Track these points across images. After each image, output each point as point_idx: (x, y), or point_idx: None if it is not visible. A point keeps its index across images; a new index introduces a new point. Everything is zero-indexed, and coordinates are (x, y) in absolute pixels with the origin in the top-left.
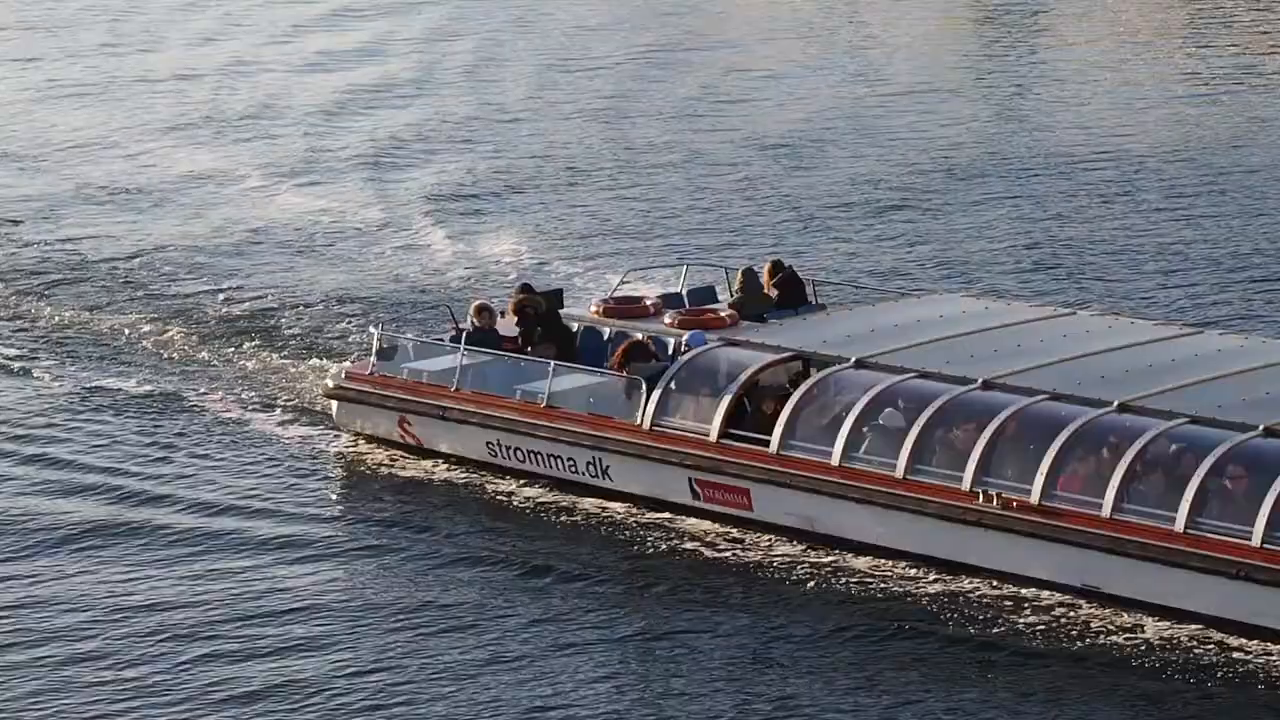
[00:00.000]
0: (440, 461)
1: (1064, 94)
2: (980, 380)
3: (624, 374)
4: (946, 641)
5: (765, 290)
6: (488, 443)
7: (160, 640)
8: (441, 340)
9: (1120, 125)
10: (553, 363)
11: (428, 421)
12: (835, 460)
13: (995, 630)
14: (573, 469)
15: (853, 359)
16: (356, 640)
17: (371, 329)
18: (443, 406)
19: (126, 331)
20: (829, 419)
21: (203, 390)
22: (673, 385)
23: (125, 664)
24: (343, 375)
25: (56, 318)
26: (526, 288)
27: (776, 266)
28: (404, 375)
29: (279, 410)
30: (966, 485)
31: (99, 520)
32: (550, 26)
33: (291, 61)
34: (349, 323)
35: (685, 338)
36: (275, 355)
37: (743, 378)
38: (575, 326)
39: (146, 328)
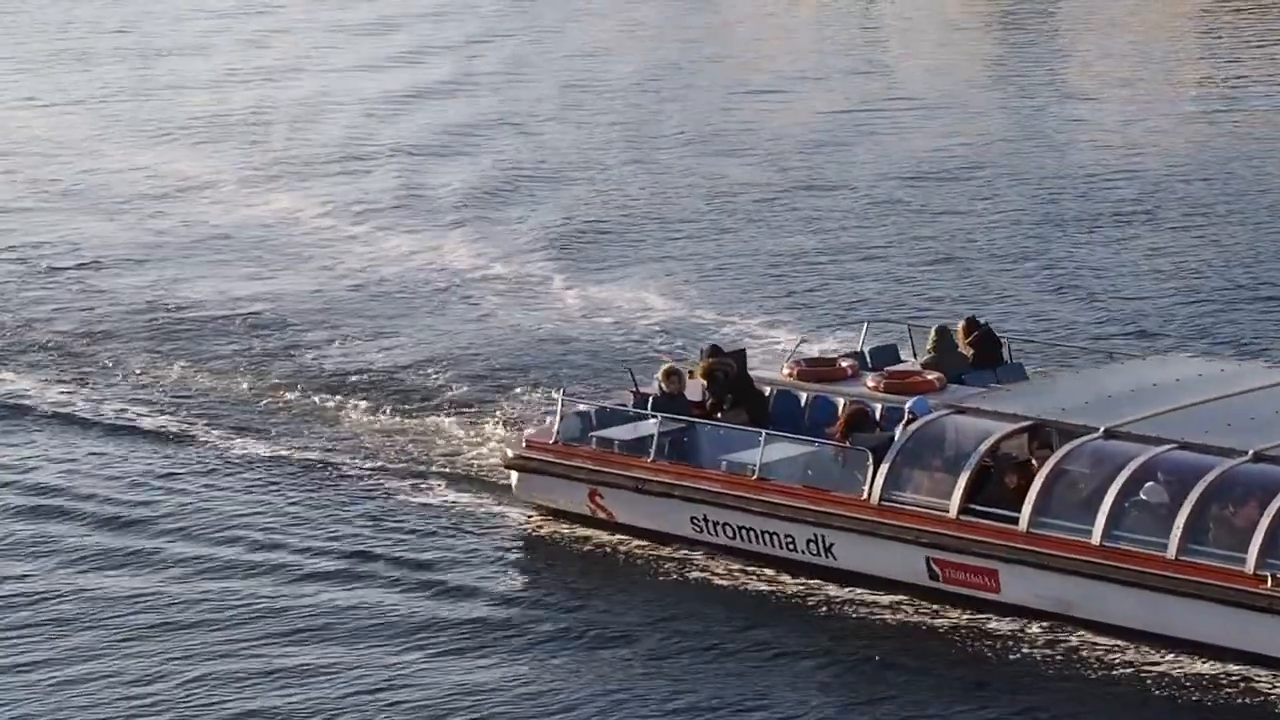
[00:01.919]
0: (635, 537)
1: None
2: (1251, 452)
3: (846, 444)
4: None
5: (960, 349)
6: (692, 518)
7: None
8: (624, 406)
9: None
10: (764, 432)
11: (622, 494)
12: (1096, 539)
13: None
14: (790, 546)
15: (1101, 428)
16: None
17: (555, 394)
18: (639, 478)
19: (266, 391)
20: (1085, 494)
21: (360, 458)
22: (901, 457)
23: None
24: (523, 444)
25: (190, 379)
26: (716, 350)
27: (972, 324)
28: (592, 444)
29: (441, 480)
30: (1250, 568)
31: (255, 599)
32: (620, 53)
33: (372, 99)
34: (496, 383)
35: (910, 404)
36: (430, 419)
37: (983, 448)
38: (767, 390)
39: (283, 388)
